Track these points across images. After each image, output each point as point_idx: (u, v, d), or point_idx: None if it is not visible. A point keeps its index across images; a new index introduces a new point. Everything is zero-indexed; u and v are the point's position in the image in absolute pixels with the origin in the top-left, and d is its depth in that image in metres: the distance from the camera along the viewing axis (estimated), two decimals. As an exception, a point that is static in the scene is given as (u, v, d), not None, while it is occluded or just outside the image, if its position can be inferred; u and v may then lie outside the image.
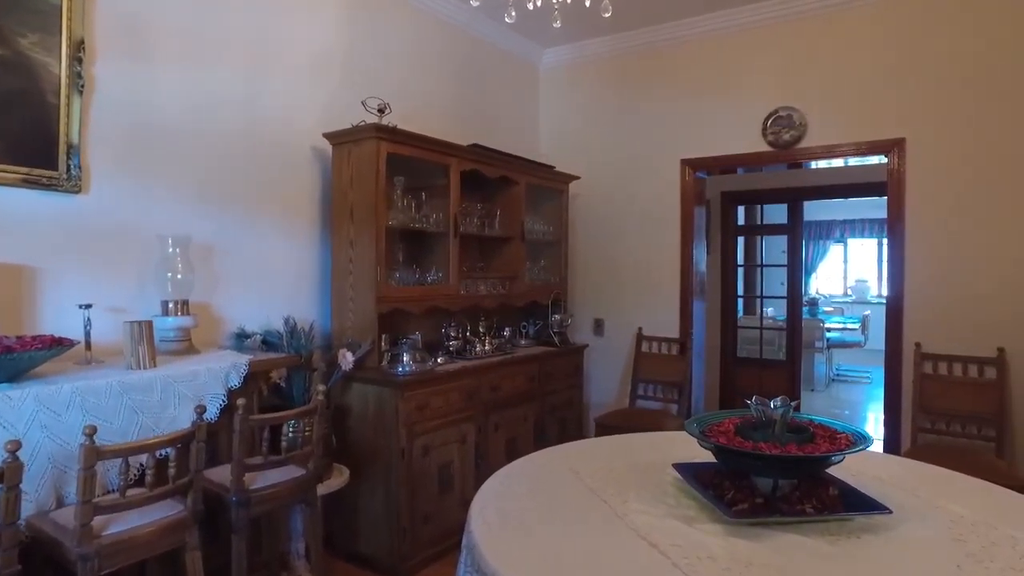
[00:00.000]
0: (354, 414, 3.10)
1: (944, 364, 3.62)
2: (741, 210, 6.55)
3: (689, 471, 1.89)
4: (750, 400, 1.88)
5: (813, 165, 4.60)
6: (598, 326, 4.90)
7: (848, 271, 11.34)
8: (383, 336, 3.19)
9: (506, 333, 4.08)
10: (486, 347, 3.78)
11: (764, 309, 6.82)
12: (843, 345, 8.59)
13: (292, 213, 3.23)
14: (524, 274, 4.13)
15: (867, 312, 9.37)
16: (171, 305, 2.56)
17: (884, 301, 10.42)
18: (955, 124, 3.60)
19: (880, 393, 7.78)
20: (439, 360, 3.41)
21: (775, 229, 6.31)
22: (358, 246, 3.10)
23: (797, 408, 1.83)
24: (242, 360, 2.46)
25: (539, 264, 4.41)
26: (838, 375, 8.74)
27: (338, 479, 2.89)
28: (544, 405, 4.00)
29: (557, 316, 4.35)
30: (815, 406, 6.97)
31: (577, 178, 4.56)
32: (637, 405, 4.61)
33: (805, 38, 4.02)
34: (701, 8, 4.19)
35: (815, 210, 9.96)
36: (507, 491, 1.87)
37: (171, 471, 1.98)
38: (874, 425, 6.47)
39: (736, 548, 1.49)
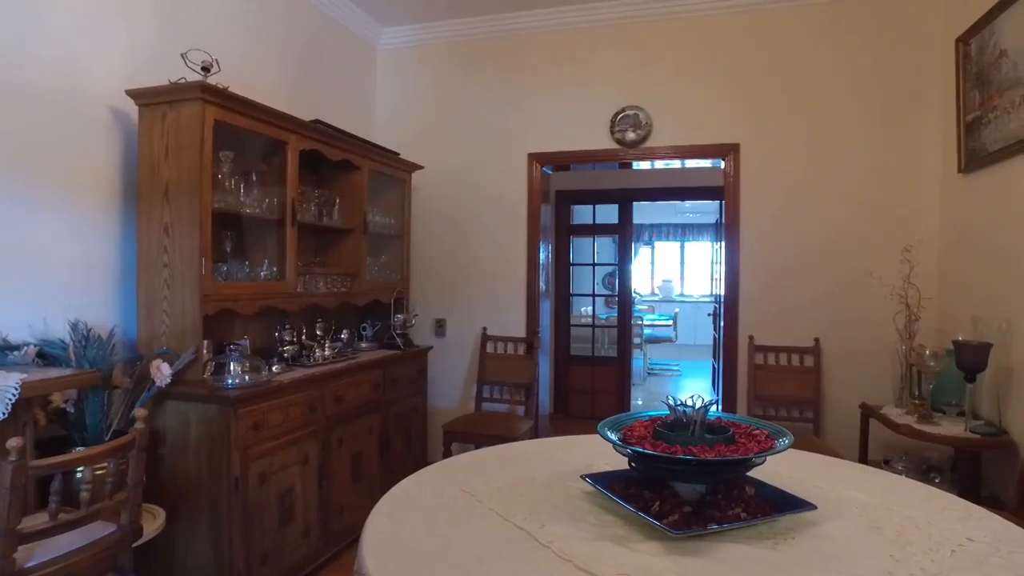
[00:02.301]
0: (170, 440, 2.50)
1: (773, 355, 3.90)
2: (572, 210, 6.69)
3: (602, 482, 1.71)
4: (590, 398, 1.74)
5: (660, 165, 4.74)
6: (440, 326, 4.62)
7: (655, 272, 12.31)
8: (205, 343, 2.62)
9: (344, 336, 3.65)
10: (326, 352, 3.33)
11: (583, 308, 7.03)
12: (657, 341, 9.23)
13: (79, 189, 2.51)
14: (366, 271, 3.72)
15: (676, 310, 10.19)
16: None
17: (686, 299, 11.65)
18: (782, 132, 3.90)
19: (689, 383, 8.61)
20: (275, 369, 2.91)
21: (607, 229, 6.52)
22: (176, 233, 2.50)
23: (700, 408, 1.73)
24: (9, 382, 1.80)
25: (379, 260, 4.02)
26: (652, 369, 9.38)
27: (150, 525, 2.28)
28: (389, 415, 3.64)
29: (400, 316, 4.00)
30: (636, 399, 7.35)
31: (421, 168, 4.24)
32: (483, 408, 4.41)
33: (653, 40, 4.12)
34: (552, 0, 4.12)
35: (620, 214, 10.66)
36: (400, 527, 1.53)
37: None
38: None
39: (686, 568, 1.32)
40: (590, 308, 7.00)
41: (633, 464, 1.70)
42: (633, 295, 10.94)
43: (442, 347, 4.52)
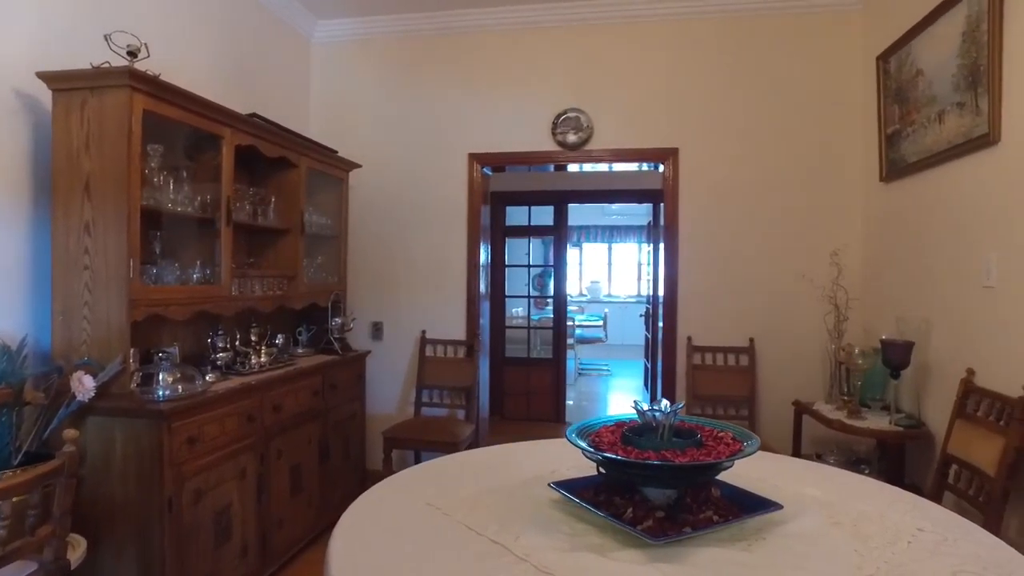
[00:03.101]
0: (92, 460, 2.28)
1: (710, 355, 4.02)
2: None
3: (571, 490, 1.68)
4: (526, 400, 1.74)
5: (601, 168, 4.80)
6: (377, 330, 4.49)
7: (583, 273, 12.51)
8: (131, 351, 2.41)
9: (279, 341, 3.47)
10: (262, 359, 3.16)
11: (514, 310, 7.05)
12: (588, 341, 9.36)
13: (-20, 182, 2.26)
14: (303, 273, 3.56)
15: (606, 310, 10.38)
16: None
17: (614, 300, 11.89)
18: (719, 139, 4.03)
19: (619, 383, 8.79)
20: (209, 378, 2.72)
21: (542, 231, 6.55)
22: (100, 232, 2.29)
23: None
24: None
25: (316, 261, 3.86)
26: (583, 370, 9.52)
27: (71, 555, 2.07)
28: (328, 422, 3.50)
29: (338, 320, 3.86)
30: (568, 399, 7.43)
31: (359, 166, 4.10)
32: (423, 413, 4.32)
33: (595, 44, 4.16)
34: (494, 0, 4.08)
35: (548, 215, 10.81)
36: (367, 548, 1.45)
37: None
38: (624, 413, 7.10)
39: (668, 575, 1.31)
40: (520, 309, 7.02)
41: (602, 470, 1.68)
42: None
43: (379, 351, 4.39)
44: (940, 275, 2.90)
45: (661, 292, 4.31)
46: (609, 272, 12.77)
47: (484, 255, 4.50)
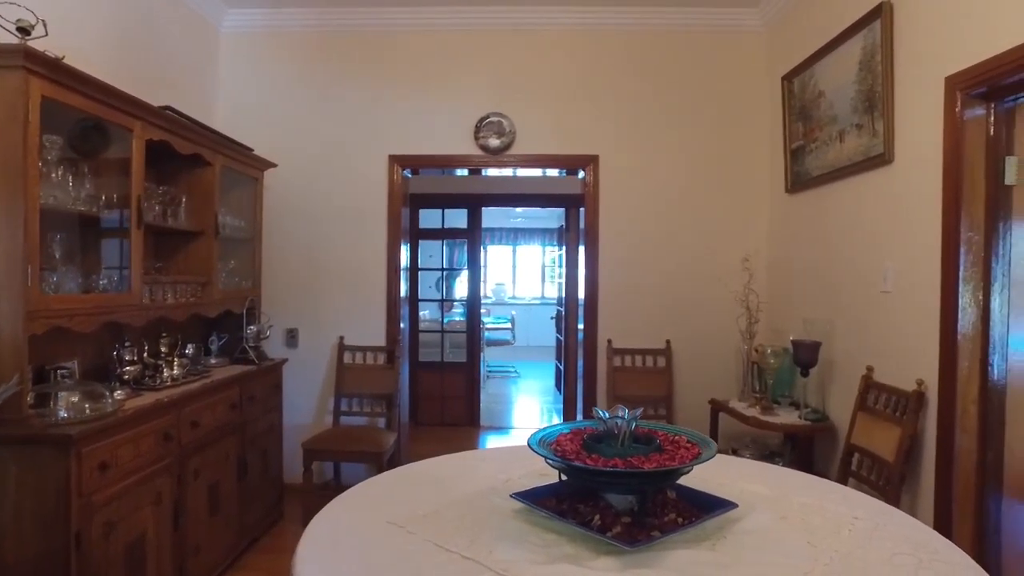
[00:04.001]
0: (-18, 495, 2.01)
1: (629, 357, 4.16)
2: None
3: (533, 500, 1.69)
4: (440, 404, 1.76)
5: (522, 172, 4.84)
6: (291, 337, 4.29)
7: (487, 275, 12.56)
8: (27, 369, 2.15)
9: (189, 351, 3.23)
10: (175, 371, 2.92)
11: (422, 313, 6.97)
12: (497, 343, 9.41)
13: None
14: (217, 278, 3.33)
15: (514, 312, 10.47)
16: None
17: (518, 301, 12.03)
18: (637, 148, 4.18)
19: (528, 385, 8.89)
20: (118, 395, 2.48)
21: (456, 233, 6.51)
22: (-7, 234, 2.02)
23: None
24: None
25: (228, 266, 3.62)
26: (490, 372, 9.55)
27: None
28: (245, 436, 3.30)
29: (253, 328, 3.65)
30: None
31: (274, 165, 3.90)
32: (342, 423, 4.18)
33: (519, 49, 4.19)
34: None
35: (458, 218, 10.83)
36: None
37: None
38: (541, 415, 7.21)
39: (648, 581, 1.34)
40: (427, 313, 6.94)
41: (564, 477, 1.70)
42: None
43: (294, 359, 4.18)
44: (843, 280, 3.17)
45: (581, 295, 4.41)
46: (514, 274, 12.91)
47: (405, 258, 4.41)
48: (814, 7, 3.46)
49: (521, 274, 12.91)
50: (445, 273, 7.38)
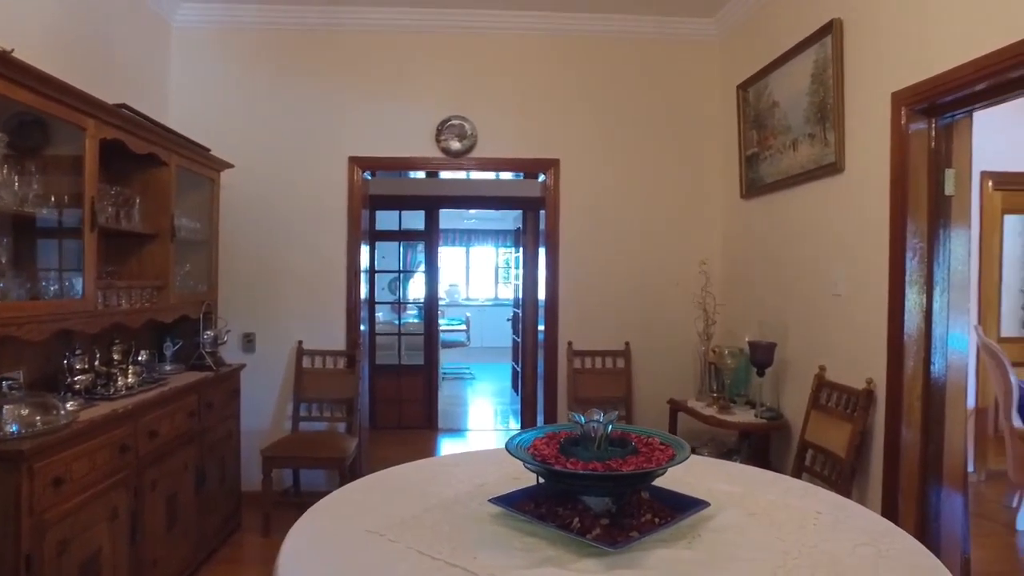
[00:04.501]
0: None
1: (589, 359, 4.23)
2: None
3: (512, 505, 1.71)
4: (397, 408, 1.79)
5: (480, 175, 4.84)
6: (248, 341, 4.19)
7: (441, 276, 12.51)
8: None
9: (142, 358, 3.12)
10: (129, 379, 2.82)
11: (377, 314, 6.90)
12: (452, 345, 9.38)
13: None
14: (173, 282, 3.22)
15: (468, 314, 10.45)
16: None
17: (471, 303, 12.02)
18: (597, 152, 4.25)
19: (483, 386, 8.90)
20: (70, 406, 2.37)
21: (413, 235, 6.47)
22: (-61, 239, 1.91)
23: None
24: None
25: (184, 269, 3.50)
26: (445, 374, 9.51)
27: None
28: (204, 444, 3.21)
29: (211, 333, 3.55)
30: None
31: (231, 166, 3.80)
32: (301, 428, 4.10)
33: (481, 52, 4.20)
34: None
35: (415, 220, 10.77)
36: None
37: None
38: (495, 417, 7.23)
39: (632, 582, 1.38)
40: (381, 315, 6.87)
41: (541, 481, 1.73)
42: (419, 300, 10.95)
43: (251, 363, 4.06)
44: (796, 283, 3.31)
45: (541, 296, 4.45)
46: (467, 276, 12.91)
47: (366, 260, 4.37)
48: (768, 20, 3.59)
49: (475, 275, 12.91)
50: (400, 275, 7.33)
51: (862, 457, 2.73)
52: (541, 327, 4.53)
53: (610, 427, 1.74)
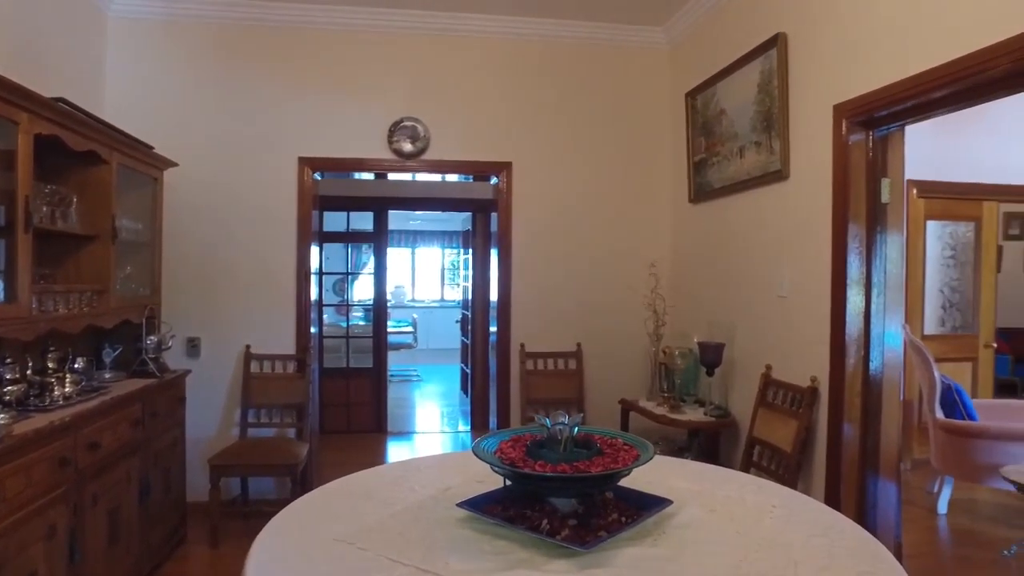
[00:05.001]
0: None
1: (541, 360, 4.26)
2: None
3: (479, 508, 1.71)
4: (346, 412, 1.80)
5: (431, 177, 4.81)
6: (193, 346, 4.04)
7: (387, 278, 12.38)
8: None
9: (79, 365, 2.97)
10: (67, 389, 2.67)
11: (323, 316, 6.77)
12: (399, 347, 9.28)
13: None
14: (115, 286, 3.08)
15: (415, 315, 10.36)
16: None
17: (416, 304, 11.91)
18: (550, 156, 4.30)
19: (430, 389, 8.84)
20: (2, 419, 2.23)
21: (361, 236, 6.37)
22: None
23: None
24: None
25: (124, 272, 3.35)
26: (391, 376, 9.39)
27: None
28: (148, 454, 3.07)
29: (154, 338, 3.40)
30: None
31: (176, 164, 3.65)
32: (249, 435, 3.99)
33: (434, 55, 4.18)
34: (324, -3, 3.91)
35: (362, 221, 10.62)
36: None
37: None
38: (445, 419, 7.19)
39: (605, 581, 1.41)
40: (327, 317, 6.74)
41: (508, 483, 1.74)
42: (360, 301, 10.82)
43: (196, 369, 3.92)
44: (744, 285, 3.43)
45: (494, 297, 4.46)
46: (413, 277, 12.80)
47: (317, 262, 4.28)
48: (716, 31, 3.72)
49: (421, 277, 12.81)
50: (344, 277, 7.21)
51: (807, 451, 2.86)
52: (493, 328, 4.54)
53: (576, 429, 1.77)
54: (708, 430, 3.46)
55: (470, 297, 6.77)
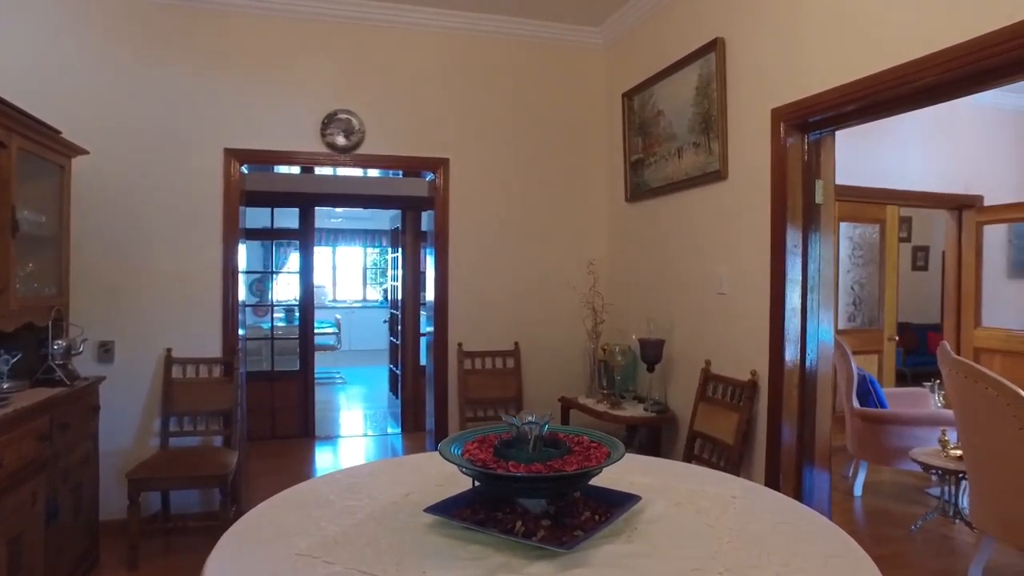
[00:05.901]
0: None
1: (479, 359, 4.22)
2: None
3: (448, 513, 1.65)
4: (270, 417, 1.76)
5: (360, 172, 4.63)
6: (105, 351, 3.72)
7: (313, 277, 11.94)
8: None
9: (-30, 375, 2.66)
10: (-39, 401, 2.38)
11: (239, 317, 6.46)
12: (322, 349, 8.95)
13: None
14: (14, 285, 2.77)
15: (338, 316, 10.04)
16: None
17: (338, 305, 11.55)
18: (487, 154, 4.26)
19: (356, 391, 8.59)
20: None
21: (286, 234, 6.09)
22: None
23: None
24: None
25: (26, 269, 3.03)
26: (316, 379, 9.04)
27: None
28: (57, 472, 2.79)
29: (62, 342, 3.10)
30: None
31: (86, 152, 3.34)
32: (171, 445, 3.72)
33: (369, 45, 4.05)
34: (256, -20, 3.70)
35: (286, 218, 10.19)
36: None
37: None
38: (374, 421, 6.99)
39: (586, 580, 1.39)
40: (243, 318, 6.44)
41: (476, 484, 1.70)
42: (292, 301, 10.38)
43: (110, 375, 3.58)
44: (682, 283, 3.52)
45: (429, 297, 4.38)
46: (334, 277, 12.42)
47: (245, 261, 4.04)
48: (654, 33, 3.79)
49: (342, 277, 12.44)
50: (263, 276, 6.89)
51: (748, 443, 2.96)
52: (428, 328, 4.45)
53: (546, 428, 1.74)
54: (649, 425, 3.53)
55: (399, 297, 6.63)
